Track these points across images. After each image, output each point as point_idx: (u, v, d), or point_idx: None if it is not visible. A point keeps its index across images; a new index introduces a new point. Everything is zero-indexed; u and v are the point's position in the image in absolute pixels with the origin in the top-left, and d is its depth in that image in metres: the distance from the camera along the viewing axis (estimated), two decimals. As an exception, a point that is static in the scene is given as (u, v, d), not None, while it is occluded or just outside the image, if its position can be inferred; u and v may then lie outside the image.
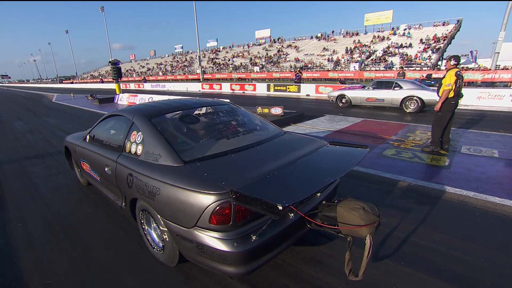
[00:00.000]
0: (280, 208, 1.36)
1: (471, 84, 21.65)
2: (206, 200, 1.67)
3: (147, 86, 32.28)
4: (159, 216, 1.98)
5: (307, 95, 17.93)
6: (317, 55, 39.41)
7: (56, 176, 4.38)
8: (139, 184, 2.10)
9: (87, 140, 3.21)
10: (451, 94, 4.59)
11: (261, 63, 43.20)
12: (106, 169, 2.62)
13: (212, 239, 1.68)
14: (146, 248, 2.41)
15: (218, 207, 1.65)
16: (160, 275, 2.14)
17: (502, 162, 4.25)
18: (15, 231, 2.85)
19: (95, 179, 3.10)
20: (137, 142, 2.33)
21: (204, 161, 2.05)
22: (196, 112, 2.84)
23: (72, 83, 66.32)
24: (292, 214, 1.93)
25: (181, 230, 1.82)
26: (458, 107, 4.76)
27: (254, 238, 1.69)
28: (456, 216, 2.86)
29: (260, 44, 52.19)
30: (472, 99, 11.20)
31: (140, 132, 2.34)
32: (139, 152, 2.28)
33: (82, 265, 2.29)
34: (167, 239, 2.01)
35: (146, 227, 2.36)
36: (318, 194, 2.21)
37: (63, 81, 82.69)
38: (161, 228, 2.02)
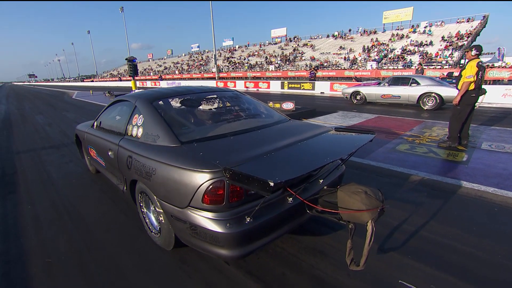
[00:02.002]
0: (272, 184, 1.27)
1: (497, 82, 20.55)
2: (199, 178, 1.62)
3: (163, 83, 33.08)
4: (155, 197, 1.96)
5: (322, 92, 17.65)
6: (333, 53, 38.71)
7: (67, 164, 4.54)
8: (137, 165, 2.10)
9: (95, 126, 3.27)
10: (472, 87, 4.31)
11: (276, 62, 42.98)
12: (109, 153, 2.64)
13: (204, 220, 1.63)
14: (144, 232, 2.40)
15: (211, 186, 1.60)
16: (156, 258, 2.12)
17: (527, 159, 3.95)
18: (23, 212, 2.95)
19: (101, 164, 3.15)
20: (138, 125, 2.33)
21: (201, 142, 2.01)
22: (199, 97, 2.81)
23: (92, 81, 68.90)
24: (291, 198, 1.85)
25: (175, 211, 1.78)
26: (481, 105, 4.47)
27: (248, 220, 1.63)
28: (472, 211, 2.68)
29: (276, 43, 51.94)
30: (497, 97, 10.59)
31: (141, 115, 2.34)
32: (139, 134, 2.27)
33: (82, 245, 2.32)
34: (163, 221, 1.99)
35: (145, 210, 2.35)
36: (321, 181, 2.12)
37: (84, 80, 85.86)
38: (157, 209, 2.00)
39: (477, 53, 4.33)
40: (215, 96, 2.90)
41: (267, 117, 2.78)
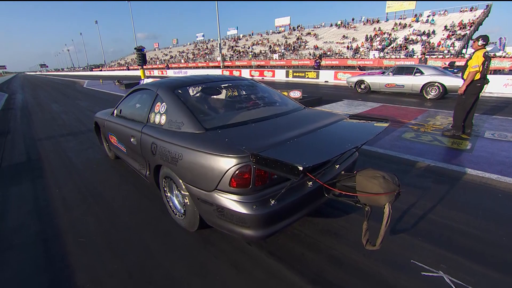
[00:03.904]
0: (301, 168, 1.35)
1: (498, 72, 20.51)
2: (226, 163, 1.70)
3: (170, 72, 33.19)
4: (181, 181, 2.06)
5: (326, 81, 17.62)
6: (336, 42, 38.26)
7: (86, 150, 4.71)
8: (163, 151, 2.18)
9: (115, 114, 3.36)
10: (477, 76, 4.37)
11: (280, 50, 42.57)
12: (132, 139, 2.73)
13: (231, 202, 1.73)
14: (168, 215, 2.52)
15: (238, 171, 1.68)
16: (181, 239, 2.24)
17: (529, 148, 4.07)
18: (53, 195, 3.11)
19: (121, 151, 3.26)
20: (161, 112, 2.40)
21: (225, 128, 2.09)
22: (218, 85, 2.87)
23: (101, 70, 68.44)
24: (311, 182, 1.95)
25: (202, 194, 1.88)
26: (482, 94, 4.54)
27: (272, 202, 1.72)
28: (477, 197, 2.80)
29: (279, 32, 51.32)
30: (499, 86, 10.63)
31: (164, 103, 2.41)
32: (162, 121, 2.35)
33: (110, 227, 2.45)
34: (188, 204, 2.10)
35: (169, 194, 2.47)
36: (337, 166, 2.22)
37: (93, 69, 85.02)
38: (182, 192, 2.11)
39: (484, 43, 4.36)
40: (232, 84, 2.96)
41: (282, 105, 2.85)
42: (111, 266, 1.96)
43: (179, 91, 2.49)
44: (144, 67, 14.61)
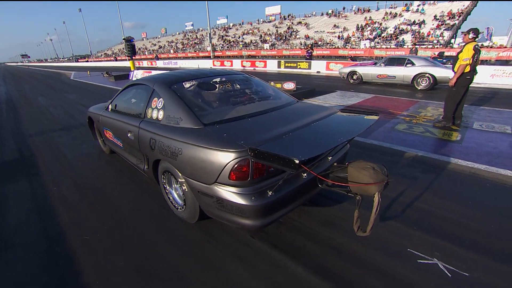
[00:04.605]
0: (297, 162, 1.43)
1: (485, 62, 20.94)
2: (226, 157, 1.78)
3: (159, 63, 32.35)
4: (180, 175, 2.12)
5: (318, 72, 17.62)
6: (327, 32, 38.09)
7: (80, 146, 4.64)
8: (162, 146, 2.23)
9: (109, 109, 3.35)
10: (467, 69, 4.49)
11: (271, 40, 42.15)
12: (129, 134, 2.75)
13: (231, 194, 1.81)
14: (170, 211, 2.56)
15: (237, 164, 1.76)
16: (184, 234, 2.28)
17: (515, 138, 4.24)
18: (52, 193, 3.08)
19: (118, 145, 3.26)
20: (158, 108, 2.43)
21: (222, 123, 2.15)
22: (213, 80, 2.90)
23: (87, 61, 66.05)
24: (305, 174, 2.05)
25: (202, 187, 1.95)
26: (470, 85, 4.67)
27: (270, 193, 1.83)
28: (467, 187, 2.94)
29: (270, 21, 50.67)
30: (486, 77, 10.88)
31: (161, 99, 2.44)
32: (160, 117, 2.39)
33: (112, 224, 2.46)
34: (189, 196, 2.16)
35: (168, 188, 2.53)
36: (329, 158, 2.31)
37: (79, 60, 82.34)
38: (183, 186, 2.16)
39: (474, 36, 4.47)
40: (227, 79, 3.00)
41: (276, 98, 2.91)
42: (117, 263, 1.99)
43: (176, 86, 2.52)
44: (134, 57, 14.25)
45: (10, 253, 2.15)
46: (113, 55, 67.39)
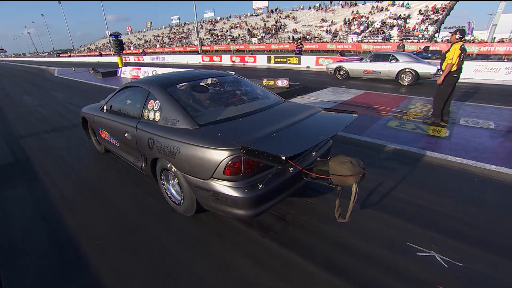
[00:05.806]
0: (284, 158, 1.64)
1: (468, 57, 21.64)
2: (221, 155, 1.97)
3: (147, 58, 31.69)
4: (179, 172, 2.27)
5: (308, 67, 17.77)
6: (315, 26, 38.27)
7: (78, 148, 4.57)
8: (160, 146, 2.37)
9: (105, 110, 3.40)
10: (454, 68, 4.71)
11: (259, 34, 41.91)
12: (126, 135, 2.85)
13: (226, 188, 2.01)
14: (177, 212, 2.63)
15: (230, 161, 1.95)
16: (194, 234, 2.36)
17: (498, 133, 4.51)
18: (54, 198, 3.05)
19: (114, 145, 3.35)
20: (155, 109, 2.57)
21: (216, 124, 2.33)
22: (205, 82, 3.05)
23: (70, 56, 63.21)
24: (292, 168, 2.25)
25: (200, 182, 2.13)
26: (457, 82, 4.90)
27: (260, 186, 2.03)
28: (457, 182, 3.14)
29: (257, 15, 50.36)
30: (469, 73, 11.32)
31: (157, 101, 2.58)
32: (157, 118, 2.52)
33: (122, 227, 2.50)
34: (186, 191, 2.32)
35: (166, 184, 2.68)
36: (314, 153, 2.50)
37: (60, 55, 79.09)
38: (181, 182, 2.32)
39: (461, 36, 4.69)
40: (219, 81, 3.17)
41: (265, 98, 3.09)
42: (133, 266, 2.05)
43: (172, 89, 2.66)
44: (121, 53, 13.93)
45: (22, 261, 2.16)
46: (97, 50, 65.23)
